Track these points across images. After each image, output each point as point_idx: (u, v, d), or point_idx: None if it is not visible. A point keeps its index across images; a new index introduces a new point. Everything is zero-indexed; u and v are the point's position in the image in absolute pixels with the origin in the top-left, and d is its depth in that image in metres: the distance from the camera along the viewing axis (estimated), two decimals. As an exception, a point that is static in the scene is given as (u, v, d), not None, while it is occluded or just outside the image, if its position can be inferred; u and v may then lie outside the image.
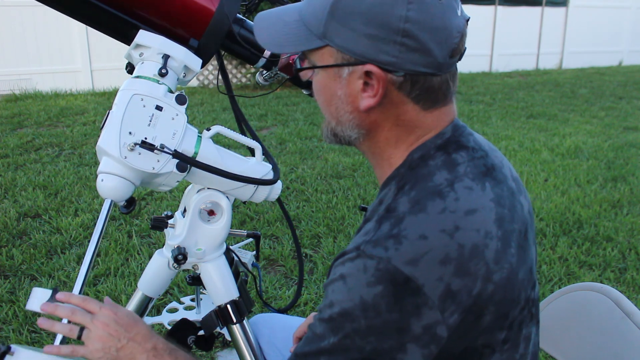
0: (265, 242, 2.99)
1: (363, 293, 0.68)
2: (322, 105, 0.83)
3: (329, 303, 0.72)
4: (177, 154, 1.00)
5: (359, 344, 0.69)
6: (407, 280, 0.67)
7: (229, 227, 1.16)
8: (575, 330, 1.13)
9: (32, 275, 2.62)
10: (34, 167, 4.13)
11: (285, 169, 4.17)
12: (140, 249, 2.87)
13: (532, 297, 0.80)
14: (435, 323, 0.68)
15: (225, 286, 1.17)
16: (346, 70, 0.76)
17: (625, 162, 4.63)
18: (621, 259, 2.95)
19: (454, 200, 0.72)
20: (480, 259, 0.70)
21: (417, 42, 0.72)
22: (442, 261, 0.68)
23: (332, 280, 0.73)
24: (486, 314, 0.72)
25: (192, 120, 5.64)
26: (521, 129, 5.76)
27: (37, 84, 7.07)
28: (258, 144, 1.18)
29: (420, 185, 0.75)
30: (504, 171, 0.82)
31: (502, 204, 0.75)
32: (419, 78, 0.75)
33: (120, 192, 1.00)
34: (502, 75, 9.87)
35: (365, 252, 0.70)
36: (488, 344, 0.75)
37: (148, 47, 1.04)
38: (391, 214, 0.73)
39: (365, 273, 0.68)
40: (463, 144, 0.80)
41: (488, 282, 0.70)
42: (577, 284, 1.14)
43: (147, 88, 1.02)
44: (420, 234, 0.69)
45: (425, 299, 0.67)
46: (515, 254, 0.74)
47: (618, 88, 8.65)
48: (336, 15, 0.74)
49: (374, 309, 0.68)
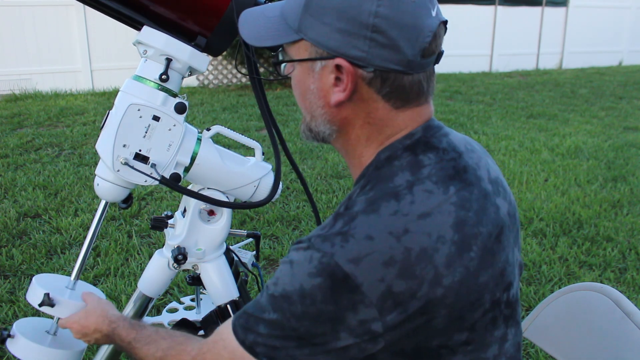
0: (265, 242, 2.99)
1: (303, 281, 0.72)
2: (298, 100, 0.84)
3: (275, 281, 0.76)
4: (164, 180, 1.03)
5: (293, 324, 0.73)
6: (346, 278, 0.69)
7: (228, 227, 1.16)
8: (575, 330, 1.13)
9: (32, 275, 2.62)
10: (33, 167, 4.12)
11: (286, 169, 4.17)
12: (140, 249, 2.87)
13: (504, 299, 0.80)
14: (371, 319, 0.70)
15: (225, 286, 1.17)
16: (319, 65, 0.77)
17: (626, 162, 4.63)
18: (621, 259, 2.95)
19: (409, 203, 0.72)
20: (428, 263, 0.70)
21: (386, 38, 0.73)
22: (385, 263, 0.69)
23: (284, 261, 0.77)
24: (437, 317, 0.72)
25: (192, 120, 5.64)
26: (521, 129, 5.76)
27: (37, 84, 7.07)
28: (258, 144, 1.18)
29: (379, 186, 0.75)
30: (478, 173, 0.81)
31: (466, 208, 0.75)
32: (389, 75, 0.75)
33: (115, 195, 1.05)
34: (502, 75, 9.88)
35: (314, 244, 0.72)
36: (445, 345, 0.75)
37: (151, 46, 1.01)
38: (347, 211, 0.75)
39: (309, 264, 0.71)
40: (433, 144, 0.80)
41: (437, 285, 0.70)
42: (577, 284, 1.14)
43: (146, 95, 1.01)
44: (367, 234, 0.70)
45: (362, 297, 0.69)
46: (476, 258, 0.74)
47: (618, 88, 8.66)
48: (310, 9, 0.75)
49: (311, 297, 0.71)
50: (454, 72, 9.70)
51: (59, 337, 1.10)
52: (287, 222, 3.26)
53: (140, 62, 1.05)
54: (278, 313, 0.74)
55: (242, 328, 0.79)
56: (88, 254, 1.12)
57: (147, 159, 1.02)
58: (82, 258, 1.11)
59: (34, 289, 1.05)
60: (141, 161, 1.02)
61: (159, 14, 1.03)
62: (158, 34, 1.01)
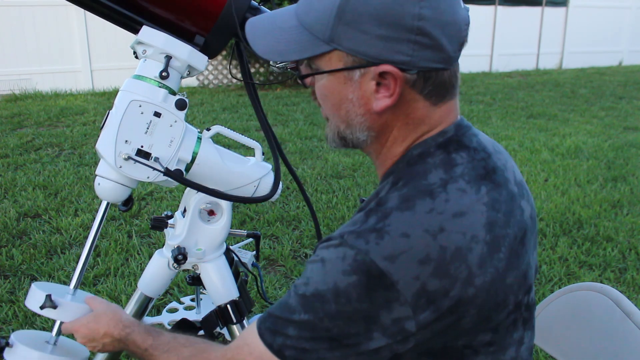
0: (265, 242, 2.99)
1: (337, 280, 0.70)
2: (330, 110, 0.81)
3: (306, 280, 0.74)
4: (168, 172, 1.01)
5: (326, 325, 0.71)
6: (382, 275, 0.68)
7: (228, 227, 1.16)
8: (575, 331, 1.13)
9: (32, 275, 2.62)
10: (33, 167, 4.12)
11: (286, 169, 4.17)
12: (140, 249, 2.87)
13: (525, 302, 0.80)
14: (405, 318, 0.69)
15: (225, 286, 1.17)
16: (357, 73, 0.75)
17: (626, 162, 4.63)
18: (621, 259, 2.95)
19: (444, 201, 0.72)
20: (462, 262, 0.70)
21: (430, 39, 0.72)
22: (421, 261, 0.68)
23: (313, 260, 0.75)
24: (466, 316, 0.72)
25: (192, 120, 5.64)
26: (521, 129, 5.76)
27: (37, 84, 7.07)
28: (258, 144, 1.18)
29: (413, 183, 0.75)
30: (506, 174, 0.81)
31: (496, 209, 0.75)
32: (431, 74, 0.75)
33: (116, 195, 1.03)
34: (502, 75, 9.87)
35: (347, 241, 0.71)
36: (469, 345, 0.75)
37: (151, 45, 1.02)
38: (380, 207, 0.73)
39: (343, 262, 0.70)
40: (464, 143, 0.79)
41: (469, 285, 0.70)
42: (577, 284, 1.14)
43: (147, 93, 1.01)
44: (403, 232, 0.69)
45: (397, 295, 0.68)
46: (504, 259, 0.74)
47: (618, 88, 8.65)
48: (344, 19, 0.72)
49: (345, 296, 0.70)
50: (454, 72, 9.70)
51: (59, 347, 1.04)
52: (287, 222, 3.26)
53: (139, 63, 1.05)
54: (310, 313, 0.72)
55: (270, 331, 0.76)
56: (88, 262, 1.07)
57: (149, 155, 1.01)
58: (82, 265, 1.06)
59: (34, 293, 1.01)
60: (143, 157, 1.01)
61: (157, 15, 1.03)
62: (157, 33, 1.02)
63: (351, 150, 4.66)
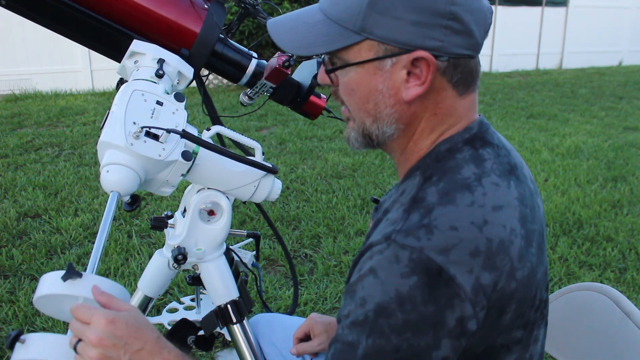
0: (265, 242, 2.99)
1: (398, 285, 0.66)
2: (357, 105, 0.80)
3: (361, 302, 0.68)
4: (186, 134, 0.97)
5: (395, 342, 0.66)
6: (440, 270, 0.66)
7: (229, 227, 1.16)
8: (575, 330, 1.13)
9: (32, 275, 2.62)
10: (33, 167, 4.12)
11: (285, 169, 4.17)
12: (140, 249, 2.87)
13: (544, 299, 0.80)
14: (467, 317, 0.67)
15: (225, 286, 1.17)
16: (389, 62, 0.74)
17: (626, 162, 4.63)
18: (621, 259, 2.95)
19: (482, 194, 0.71)
20: (506, 255, 0.69)
21: (462, 25, 0.72)
22: (472, 253, 0.67)
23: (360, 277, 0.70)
24: (508, 311, 0.71)
25: (192, 120, 5.64)
26: (521, 129, 5.76)
27: (37, 84, 7.07)
28: (258, 144, 1.18)
29: (448, 177, 0.74)
30: (524, 171, 0.82)
31: (525, 204, 0.75)
32: (460, 61, 0.74)
33: (126, 183, 0.94)
34: (502, 75, 9.87)
35: (396, 241, 0.68)
36: (505, 343, 0.74)
37: (143, 53, 1.06)
38: (419, 204, 0.71)
39: (398, 264, 0.66)
40: (488, 140, 0.80)
41: (512, 278, 0.70)
42: (577, 284, 1.14)
43: (147, 86, 1.02)
44: (451, 225, 0.68)
45: (457, 289, 0.66)
46: (535, 254, 0.74)
47: (618, 88, 8.65)
48: (377, 6, 0.72)
49: (410, 301, 0.66)
50: (454, 72, 9.70)
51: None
52: (287, 222, 3.26)
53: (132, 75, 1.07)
54: (374, 335, 0.67)
55: None
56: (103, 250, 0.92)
57: (157, 137, 0.98)
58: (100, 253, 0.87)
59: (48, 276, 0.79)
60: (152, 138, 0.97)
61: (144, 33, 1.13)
62: (148, 44, 1.09)
63: (351, 150, 4.66)
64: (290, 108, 1.28)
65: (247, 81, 1.22)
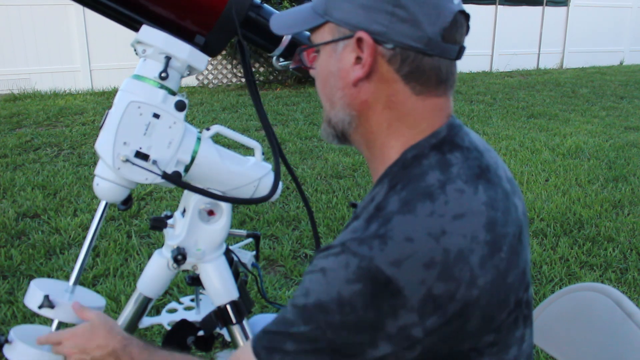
0: (265, 242, 2.98)
1: (341, 289, 0.68)
2: (319, 89, 0.84)
3: (305, 292, 0.72)
4: (166, 176, 1.01)
5: (330, 337, 0.70)
6: (388, 282, 0.67)
7: (228, 227, 1.15)
8: (576, 331, 1.12)
9: (31, 275, 2.62)
10: (32, 167, 4.12)
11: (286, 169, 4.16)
12: (139, 249, 2.86)
13: (524, 299, 0.80)
14: (411, 325, 0.68)
15: (225, 286, 1.16)
16: (341, 45, 0.78)
17: (627, 162, 4.62)
18: (622, 260, 2.94)
19: (444, 203, 0.71)
20: (465, 264, 0.69)
21: (407, 12, 0.73)
22: (426, 265, 0.67)
23: (311, 270, 0.73)
24: (472, 319, 0.71)
25: (192, 120, 5.64)
26: (522, 129, 5.75)
27: (35, 83, 7.07)
28: (258, 144, 1.17)
29: (411, 185, 0.74)
30: (498, 172, 0.81)
31: (495, 207, 0.74)
32: (409, 53, 0.75)
33: (115, 195, 1.03)
34: (503, 74, 9.87)
35: (350, 248, 0.69)
36: (475, 347, 0.75)
37: (150, 45, 1.01)
38: (380, 212, 0.72)
39: (347, 270, 0.68)
40: (458, 143, 0.79)
41: (472, 287, 0.70)
42: (578, 284, 1.14)
43: (146, 93, 1.00)
44: (406, 236, 0.68)
45: (404, 301, 0.67)
46: (506, 258, 0.74)
47: (619, 88, 8.65)
48: None
49: (350, 305, 0.68)
50: (454, 72, 9.70)
51: None
52: (287, 222, 3.26)
53: (139, 62, 1.04)
54: (310, 325, 0.70)
55: (266, 349, 0.74)
56: (87, 258, 1.09)
57: (147, 157, 1.01)
58: (81, 262, 1.08)
59: (33, 292, 1.02)
60: (142, 159, 1.01)
61: (157, 14, 1.02)
62: (157, 32, 1.01)
63: (351, 150, 4.65)
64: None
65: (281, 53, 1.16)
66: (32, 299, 1.01)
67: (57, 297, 1.01)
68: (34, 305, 1.00)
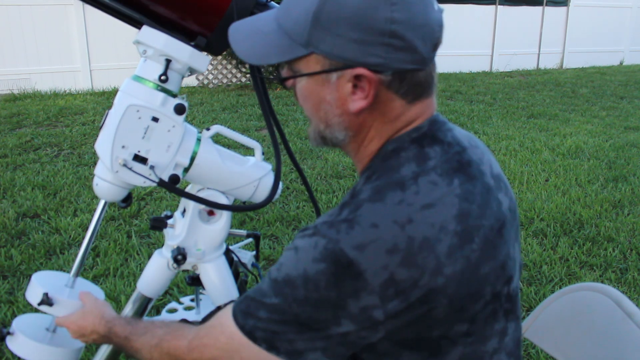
0: (265, 242, 2.98)
1: (307, 267, 0.72)
2: (310, 111, 0.84)
3: (278, 266, 0.77)
4: (162, 183, 1.03)
5: (295, 310, 0.73)
6: (350, 264, 0.70)
7: (228, 227, 1.15)
8: (576, 331, 1.12)
9: (31, 275, 2.61)
10: (32, 167, 4.12)
11: (285, 169, 4.17)
12: (139, 249, 2.86)
13: (505, 292, 0.81)
14: (372, 306, 0.71)
15: (225, 286, 1.16)
16: (334, 76, 0.77)
17: (627, 162, 4.62)
18: (622, 260, 2.94)
19: (414, 193, 0.74)
20: (430, 252, 0.71)
21: (403, 42, 0.73)
22: (389, 250, 0.70)
23: (288, 248, 0.77)
24: (438, 306, 0.73)
25: (192, 120, 5.64)
26: (522, 129, 5.75)
27: (36, 83, 7.07)
28: (258, 144, 1.17)
29: (386, 176, 0.77)
30: (481, 168, 0.82)
31: (469, 200, 0.76)
32: (406, 75, 0.76)
33: (114, 195, 1.05)
34: (503, 74, 9.87)
35: (320, 231, 0.73)
36: (445, 335, 0.76)
37: (150, 46, 1.00)
38: (353, 200, 0.75)
39: (314, 250, 0.72)
40: (439, 138, 0.81)
41: (438, 275, 0.72)
42: (578, 284, 1.14)
43: (145, 96, 1.00)
44: (372, 222, 0.71)
45: (365, 284, 0.70)
46: (478, 250, 0.75)
47: (619, 88, 8.65)
48: (320, 23, 0.74)
49: (314, 283, 0.72)
50: (454, 72, 9.70)
51: (58, 334, 1.11)
52: (287, 222, 3.26)
53: (140, 62, 1.04)
54: (280, 297, 0.75)
55: (242, 313, 0.79)
56: (88, 252, 1.12)
57: (146, 160, 1.01)
58: (82, 255, 1.11)
59: (34, 288, 1.06)
60: (140, 162, 1.01)
61: (159, 13, 1.01)
62: (158, 34, 1.00)
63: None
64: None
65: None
66: (33, 295, 1.05)
67: (56, 294, 1.05)
68: (34, 302, 1.04)
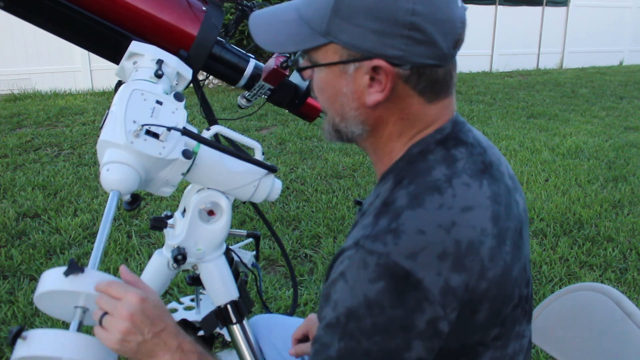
0: (265, 242, 2.98)
1: (366, 290, 0.68)
2: (326, 103, 0.82)
3: (333, 305, 0.71)
4: (187, 131, 0.98)
5: (365, 345, 0.68)
6: (407, 275, 0.67)
7: (228, 227, 1.15)
8: (575, 331, 1.12)
9: (31, 275, 2.62)
10: (33, 167, 4.12)
11: (285, 169, 4.17)
12: (139, 249, 2.86)
13: (525, 295, 0.81)
14: (437, 318, 0.68)
15: (225, 286, 1.16)
16: (352, 67, 0.76)
17: (626, 162, 4.62)
18: (622, 259, 2.94)
19: (452, 196, 0.72)
20: (476, 256, 0.70)
21: (424, 35, 0.72)
22: (439, 256, 0.68)
23: (333, 280, 0.72)
24: (481, 311, 0.72)
25: (192, 120, 5.64)
26: (522, 129, 5.75)
27: (36, 83, 7.07)
28: (258, 144, 1.17)
29: (418, 180, 0.75)
30: (501, 168, 0.82)
31: (498, 202, 0.76)
32: (425, 70, 0.75)
33: (126, 182, 0.93)
34: (503, 75, 9.87)
35: (364, 247, 0.69)
36: (482, 341, 0.75)
37: (142, 54, 1.06)
38: (389, 207, 0.73)
39: (366, 269, 0.68)
40: (462, 139, 0.80)
41: (482, 278, 0.70)
42: (577, 284, 1.14)
43: (146, 85, 1.02)
44: (418, 229, 0.69)
45: (425, 293, 0.67)
46: (510, 252, 0.75)
47: (619, 88, 8.65)
48: (340, 12, 0.73)
49: (378, 305, 0.67)
50: (454, 72, 9.69)
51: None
52: (287, 222, 3.26)
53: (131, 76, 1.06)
54: (345, 339, 0.69)
55: None
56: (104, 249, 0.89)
57: (157, 135, 0.97)
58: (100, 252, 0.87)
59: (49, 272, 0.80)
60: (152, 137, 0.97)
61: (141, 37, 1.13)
62: (147, 44, 1.08)
63: (351, 150, 4.65)
64: (288, 110, 1.28)
65: (245, 83, 1.23)
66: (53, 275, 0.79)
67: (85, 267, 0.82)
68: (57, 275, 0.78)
